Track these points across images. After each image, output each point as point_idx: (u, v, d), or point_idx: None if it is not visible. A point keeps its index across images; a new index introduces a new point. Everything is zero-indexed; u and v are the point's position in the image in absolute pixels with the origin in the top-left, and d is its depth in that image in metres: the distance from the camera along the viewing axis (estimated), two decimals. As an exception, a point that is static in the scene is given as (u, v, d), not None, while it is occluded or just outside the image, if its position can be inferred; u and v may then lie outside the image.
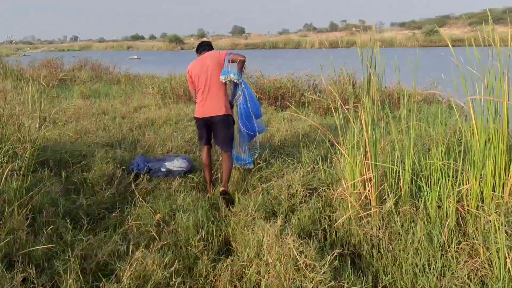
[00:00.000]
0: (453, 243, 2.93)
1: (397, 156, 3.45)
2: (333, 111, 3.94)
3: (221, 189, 3.99)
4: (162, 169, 4.43)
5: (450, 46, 3.69)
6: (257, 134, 4.47)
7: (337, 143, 5.14)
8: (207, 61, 4.17)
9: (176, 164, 4.45)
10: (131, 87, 11.46)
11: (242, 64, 4.14)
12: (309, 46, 53.62)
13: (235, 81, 4.16)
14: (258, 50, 52.17)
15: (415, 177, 3.54)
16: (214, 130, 4.23)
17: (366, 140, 3.44)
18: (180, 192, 4.03)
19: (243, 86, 4.32)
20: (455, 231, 3.08)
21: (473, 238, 2.97)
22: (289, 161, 4.67)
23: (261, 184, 4.14)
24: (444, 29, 56.91)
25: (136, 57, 42.73)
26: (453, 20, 67.96)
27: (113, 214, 3.56)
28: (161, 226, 3.40)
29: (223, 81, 4.10)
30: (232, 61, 4.13)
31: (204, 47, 4.50)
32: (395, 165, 3.46)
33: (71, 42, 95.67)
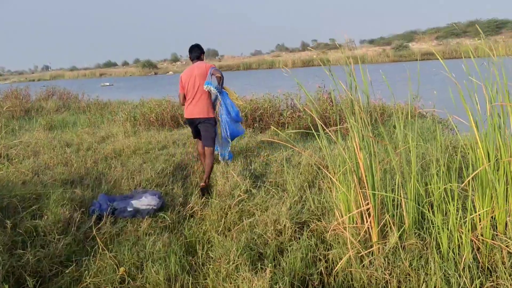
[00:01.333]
0: (474, 284, 2.47)
1: (397, 182, 3.01)
2: (314, 132, 3.49)
3: (201, 184, 4.54)
4: (129, 209, 3.86)
5: (441, 59, 3.34)
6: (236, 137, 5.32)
7: (325, 167, 4.69)
8: (195, 71, 4.89)
9: (145, 202, 3.89)
10: (99, 115, 10.82)
11: (219, 80, 4.80)
12: (283, 65, 54.04)
13: (214, 93, 4.90)
14: (232, 71, 52.22)
15: (417, 205, 3.11)
16: (199, 128, 4.96)
17: (361, 165, 2.99)
18: (149, 235, 3.47)
19: (221, 97, 5.00)
20: (472, 267, 2.64)
21: (497, 277, 2.53)
22: (273, 190, 4.18)
23: (243, 219, 3.63)
24: (412, 44, 58.94)
25: (108, 83, 41.92)
26: (420, 35, 69.55)
27: (68, 270, 2.96)
28: (126, 282, 2.83)
29: (206, 90, 4.81)
30: (213, 75, 4.81)
31: (195, 52, 5.09)
32: (395, 192, 3.02)
33: (42, 72, 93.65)
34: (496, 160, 2.95)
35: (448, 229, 2.83)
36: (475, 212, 2.90)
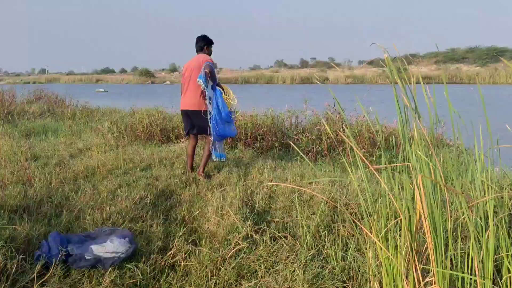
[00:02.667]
0: None
1: (472, 253, 2.04)
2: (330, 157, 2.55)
3: (198, 173, 5.05)
4: (87, 257, 2.85)
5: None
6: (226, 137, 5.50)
7: (345, 205, 3.74)
8: (193, 63, 4.97)
9: (110, 248, 2.88)
10: (84, 123, 9.81)
11: (207, 76, 4.77)
12: (281, 81, 53.58)
13: (202, 88, 4.84)
14: (230, 84, 51.66)
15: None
16: (193, 122, 5.07)
17: (426, 225, 2.01)
18: (110, 300, 2.47)
19: (214, 94, 4.93)
20: None
21: None
22: (282, 238, 3.19)
23: (241, 280, 2.64)
24: (411, 67, 58.35)
25: (103, 90, 40.97)
26: (419, 59, 68.59)
27: None
28: None
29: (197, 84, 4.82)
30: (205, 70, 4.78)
31: (198, 44, 5.07)
32: (471, 270, 2.05)
33: (38, 75, 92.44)
34: None
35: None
36: None
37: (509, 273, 2.01)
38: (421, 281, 2.05)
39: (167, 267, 2.93)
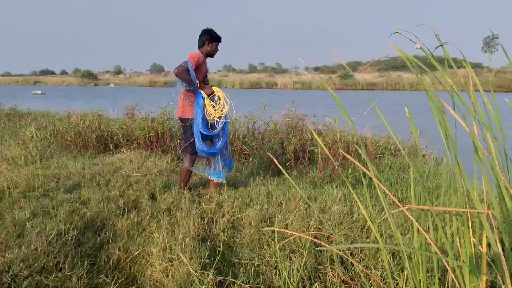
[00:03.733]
0: None
1: None
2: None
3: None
4: None
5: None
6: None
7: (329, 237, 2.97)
8: None
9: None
10: (1, 129, 8.35)
11: (178, 77, 4.08)
12: (230, 85, 52.99)
13: (179, 89, 4.20)
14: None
15: None
16: None
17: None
18: None
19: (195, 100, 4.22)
20: None
21: None
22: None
23: None
24: (356, 74, 60.06)
25: (40, 92, 37.91)
26: (363, 66, 70.09)
27: None
28: None
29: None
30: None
31: (199, 40, 4.35)
32: None
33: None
34: None
35: None
36: None
37: None
38: None
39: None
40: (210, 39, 4.28)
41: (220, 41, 4.39)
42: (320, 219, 3.21)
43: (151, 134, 6.47)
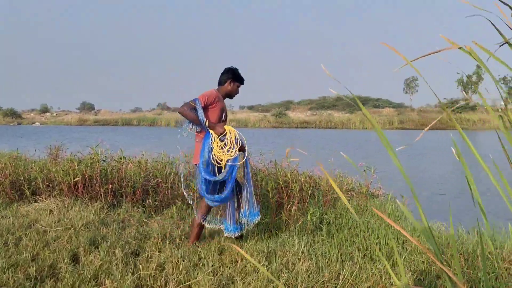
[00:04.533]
0: None
1: None
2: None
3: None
4: None
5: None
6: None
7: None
8: None
9: None
10: None
11: (183, 115, 3.75)
12: (165, 123, 51.78)
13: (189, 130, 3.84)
14: (110, 126, 47.94)
15: None
16: None
17: None
18: None
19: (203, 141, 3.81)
20: None
21: None
22: None
23: None
24: (290, 112, 62.09)
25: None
26: (295, 105, 74.05)
27: None
28: None
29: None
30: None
31: (221, 78, 4.08)
32: None
33: None
34: None
35: None
36: None
37: None
38: None
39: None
40: (233, 78, 4.01)
41: (243, 83, 4.12)
42: (288, 283, 2.65)
43: (76, 179, 5.56)
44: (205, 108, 3.75)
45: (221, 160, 3.70)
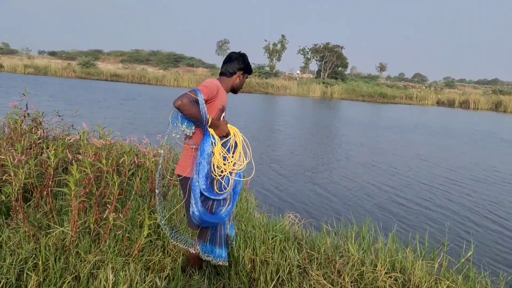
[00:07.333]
0: None
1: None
2: None
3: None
4: None
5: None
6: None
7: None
8: None
9: None
10: None
11: (181, 110, 2.50)
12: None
13: (186, 132, 2.66)
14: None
15: None
16: None
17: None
18: None
19: (201, 146, 2.67)
20: None
21: None
22: None
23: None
24: (99, 63, 55.08)
25: None
26: (105, 56, 67.00)
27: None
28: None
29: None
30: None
31: (229, 67, 2.89)
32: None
33: None
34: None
35: None
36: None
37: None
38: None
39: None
40: (245, 69, 2.87)
41: (250, 73, 2.97)
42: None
43: None
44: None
45: (222, 171, 2.69)
